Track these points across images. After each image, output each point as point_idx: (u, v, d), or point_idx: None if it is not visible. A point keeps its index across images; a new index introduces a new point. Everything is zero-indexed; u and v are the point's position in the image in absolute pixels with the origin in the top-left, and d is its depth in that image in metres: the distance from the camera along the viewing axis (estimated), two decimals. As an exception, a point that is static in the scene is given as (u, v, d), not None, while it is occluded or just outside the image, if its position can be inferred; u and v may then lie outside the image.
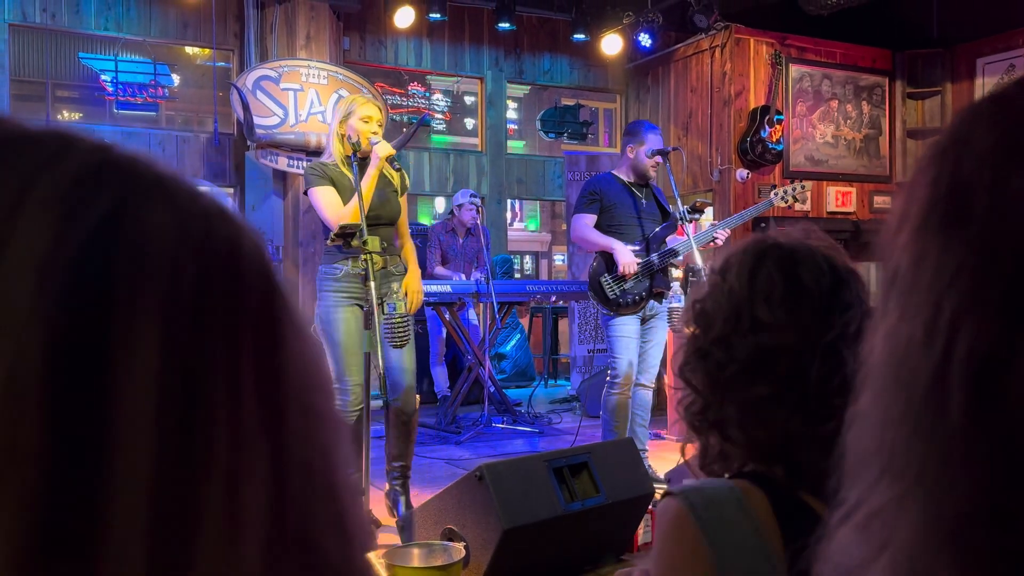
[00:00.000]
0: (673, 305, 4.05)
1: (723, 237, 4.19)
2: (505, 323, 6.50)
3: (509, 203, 9.10)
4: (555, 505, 2.81)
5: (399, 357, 3.44)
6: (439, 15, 6.96)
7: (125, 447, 0.30)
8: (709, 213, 6.19)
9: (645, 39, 7.14)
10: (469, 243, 6.45)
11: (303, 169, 5.01)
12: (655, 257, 4.14)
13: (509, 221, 10.54)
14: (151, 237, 0.32)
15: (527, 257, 15.02)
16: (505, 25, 7.19)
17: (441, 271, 6.36)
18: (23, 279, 0.30)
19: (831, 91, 7.50)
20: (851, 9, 6.91)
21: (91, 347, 0.30)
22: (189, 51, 7.93)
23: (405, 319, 3.16)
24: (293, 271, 6.53)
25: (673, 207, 4.23)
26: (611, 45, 7.45)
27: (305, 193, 3.52)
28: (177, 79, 8.09)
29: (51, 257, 0.30)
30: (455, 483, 2.86)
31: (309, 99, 6.37)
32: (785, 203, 4.39)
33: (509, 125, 9.24)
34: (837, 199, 7.47)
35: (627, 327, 4.11)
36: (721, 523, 0.97)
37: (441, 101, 9.19)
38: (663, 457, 4.61)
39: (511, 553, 2.69)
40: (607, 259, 4.14)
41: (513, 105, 11.25)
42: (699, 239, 4.07)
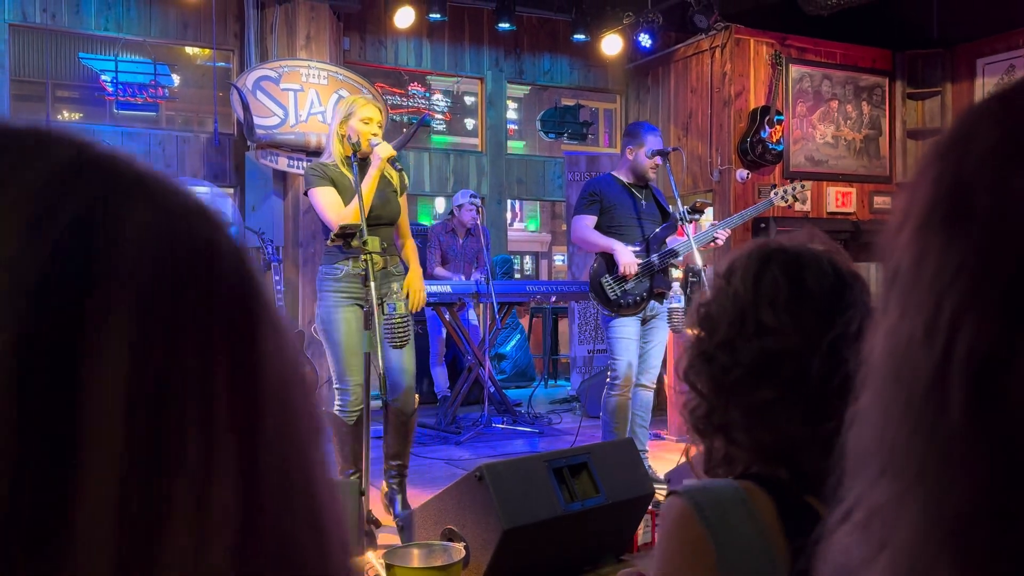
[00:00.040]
0: (673, 305, 4.06)
1: (723, 237, 4.20)
2: (505, 323, 6.50)
3: (509, 203, 9.09)
4: (555, 505, 2.81)
5: (399, 357, 3.44)
6: (439, 15, 6.96)
7: (95, 445, 0.30)
8: (709, 213, 6.18)
9: (645, 39, 7.14)
10: (469, 243, 6.45)
11: (303, 169, 5.01)
12: (655, 258, 4.14)
13: (509, 221, 10.54)
14: (128, 236, 0.32)
15: (527, 257, 15.02)
16: (505, 25, 7.19)
17: (441, 271, 6.35)
18: None
19: (831, 91, 7.50)
20: (851, 9, 6.91)
21: (63, 346, 0.30)
22: (189, 51, 7.94)
23: (405, 319, 3.17)
24: (293, 271, 6.53)
25: (673, 207, 4.23)
26: (611, 45, 7.45)
27: (305, 194, 3.52)
28: (177, 79, 8.09)
29: (23, 256, 0.30)
30: (455, 483, 2.86)
31: (309, 99, 6.37)
32: (785, 203, 4.40)
33: (509, 125, 9.24)
34: (837, 199, 7.47)
35: (627, 328, 4.11)
36: (726, 523, 0.97)
37: (441, 101, 9.19)
38: (663, 457, 4.61)
39: (511, 553, 2.69)
40: (608, 260, 4.14)
41: (513, 105, 11.26)
42: (699, 239, 4.07)
